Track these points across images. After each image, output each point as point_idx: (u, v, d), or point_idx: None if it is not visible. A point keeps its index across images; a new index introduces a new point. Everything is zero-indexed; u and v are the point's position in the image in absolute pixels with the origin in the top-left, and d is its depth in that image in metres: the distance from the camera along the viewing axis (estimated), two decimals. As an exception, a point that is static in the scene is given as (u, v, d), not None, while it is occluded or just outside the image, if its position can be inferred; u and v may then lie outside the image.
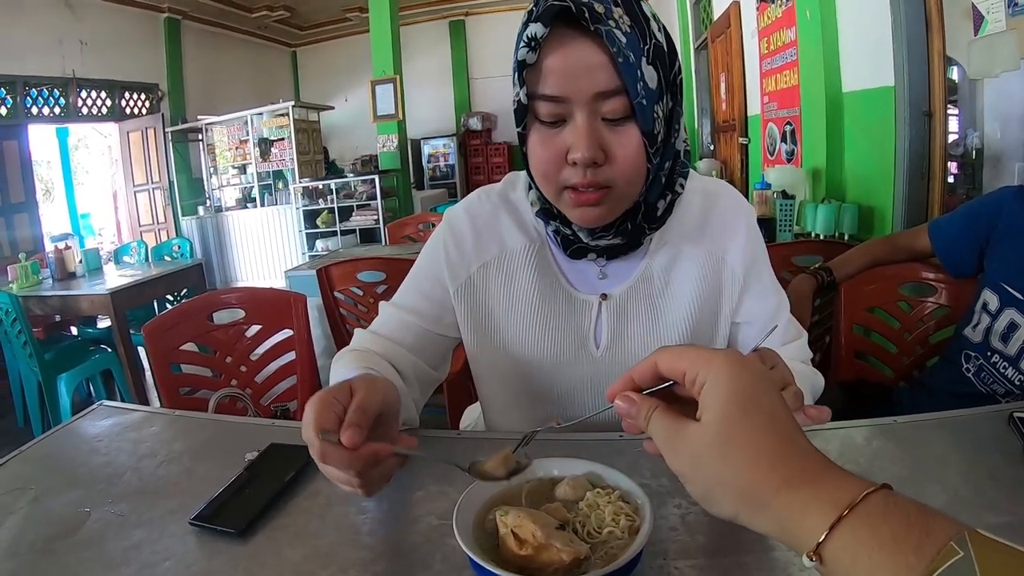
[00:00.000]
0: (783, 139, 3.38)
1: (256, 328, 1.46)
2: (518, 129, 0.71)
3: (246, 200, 7.00)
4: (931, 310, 1.39)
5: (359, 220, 6.22)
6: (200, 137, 7.18)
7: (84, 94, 6.19)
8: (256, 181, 6.82)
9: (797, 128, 3.13)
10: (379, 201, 6.09)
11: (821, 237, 2.37)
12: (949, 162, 2.13)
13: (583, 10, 0.61)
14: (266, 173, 6.82)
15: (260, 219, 6.74)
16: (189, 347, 1.40)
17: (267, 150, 6.70)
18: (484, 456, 0.56)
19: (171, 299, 3.63)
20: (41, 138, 6.46)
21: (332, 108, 8.06)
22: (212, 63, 7.85)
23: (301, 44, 9.90)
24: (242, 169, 6.96)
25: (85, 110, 6.26)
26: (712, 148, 5.55)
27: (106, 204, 7.84)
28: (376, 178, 6.12)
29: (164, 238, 6.66)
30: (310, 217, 6.33)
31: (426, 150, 9.00)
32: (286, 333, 1.45)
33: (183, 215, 7.09)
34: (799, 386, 0.60)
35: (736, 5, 4.11)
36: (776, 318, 0.86)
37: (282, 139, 6.64)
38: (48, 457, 0.86)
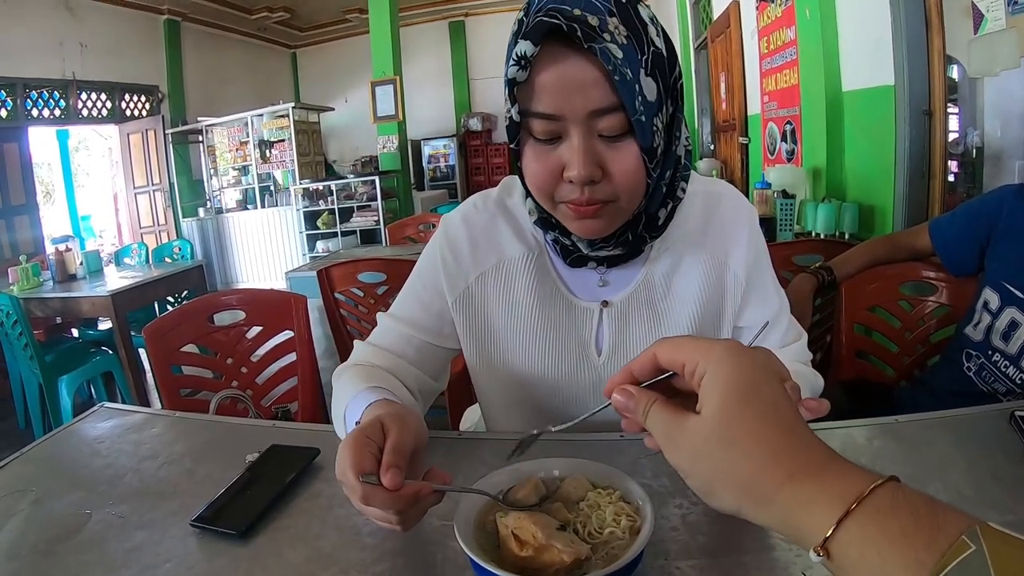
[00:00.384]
0: (783, 138, 3.38)
1: (257, 329, 1.46)
2: (511, 145, 0.69)
3: (246, 201, 7.01)
4: (932, 309, 1.38)
5: (359, 221, 6.22)
6: (200, 139, 7.19)
7: (84, 96, 6.20)
8: (256, 182, 6.82)
9: (797, 127, 3.13)
10: (379, 202, 6.10)
11: (821, 236, 2.37)
12: (949, 161, 2.12)
13: (575, 27, 0.58)
14: (266, 174, 6.83)
15: (260, 220, 6.74)
16: (190, 349, 1.40)
17: (267, 151, 6.70)
18: (514, 484, 0.57)
19: (172, 301, 3.63)
20: (41, 140, 6.48)
21: (332, 109, 8.07)
22: (212, 65, 7.85)
23: (301, 45, 9.90)
24: (243, 170, 6.97)
25: (85, 112, 6.26)
26: (712, 148, 5.56)
27: (107, 206, 7.85)
28: (376, 179, 6.13)
29: (165, 240, 6.67)
30: (310, 218, 6.33)
31: (426, 151, 9.00)
32: (287, 334, 1.45)
33: (183, 217, 7.09)
34: (796, 383, 0.59)
35: (736, 5, 4.11)
36: (777, 320, 0.85)
37: (282, 140, 6.65)
38: (49, 459, 0.86)
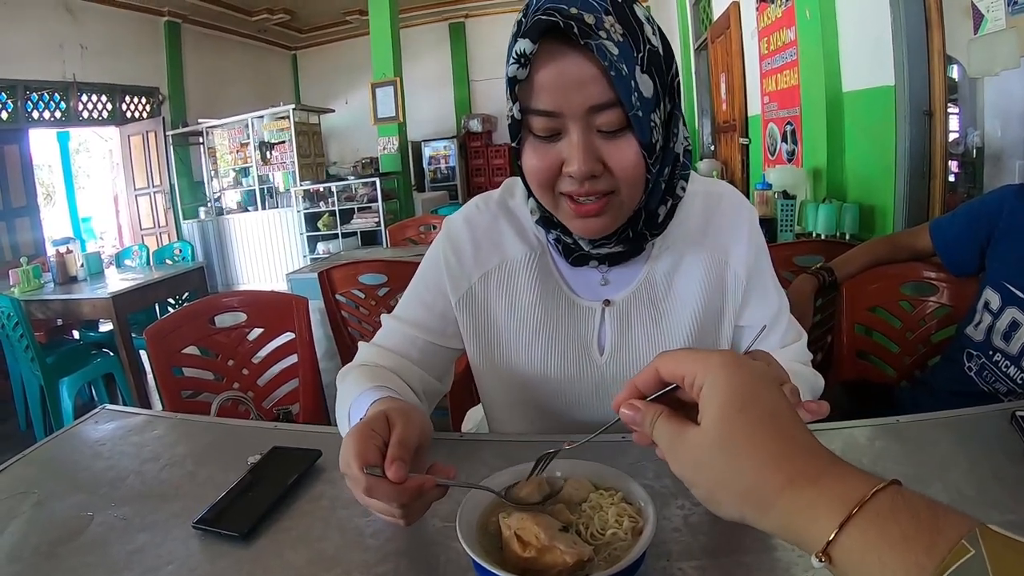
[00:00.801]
0: (783, 139, 3.38)
1: (258, 331, 1.46)
2: (512, 144, 0.71)
3: (247, 203, 7.01)
4: (933, 309, 1.38)
5: (360, 223, 6.23)
6: (201, 140, 7.19)
7: (85, 98, 6.20)
8: (257, 184, 6.83)
9: (797, 128, 3.13)
10: (380, 203, 6.10)
11: (822, 237, 2.38)
12: (950, 161, 2.13)
13: (572, 25, 0.59)
14: (267, 176, 6.83)
15: (261, 222, 6.75)
16: (191, 350, 1.41)
17: (268, 153, 6.71)
18: (516, 481, 0.57)
19: (173, 302, 3.64)
20: (42, 142, 6.48)
21: (332, 111, 8.08)
22: (212, 66, 7.86)
23: (301, 47, 9.91)
24: (243, 172, 6.97)
25: (86, 114, 6.26)
26: (712, 149, 5.56)
27: (107, 208, 7.85)
28: (377, 180, 6.14)
29: (165, 241, 6.67)
30: (311, 220, 6.34)
31: (427, 152, 8.98)
32: (288, 336, 1.45)
33: (184, 218, 7.10)
34: (795, 385, 0.59)
35: (736, 5, 4.11)
36: (777, 320, 0.85)
37: (283, 142, 6.66)
38: (51, 461, 0.86)
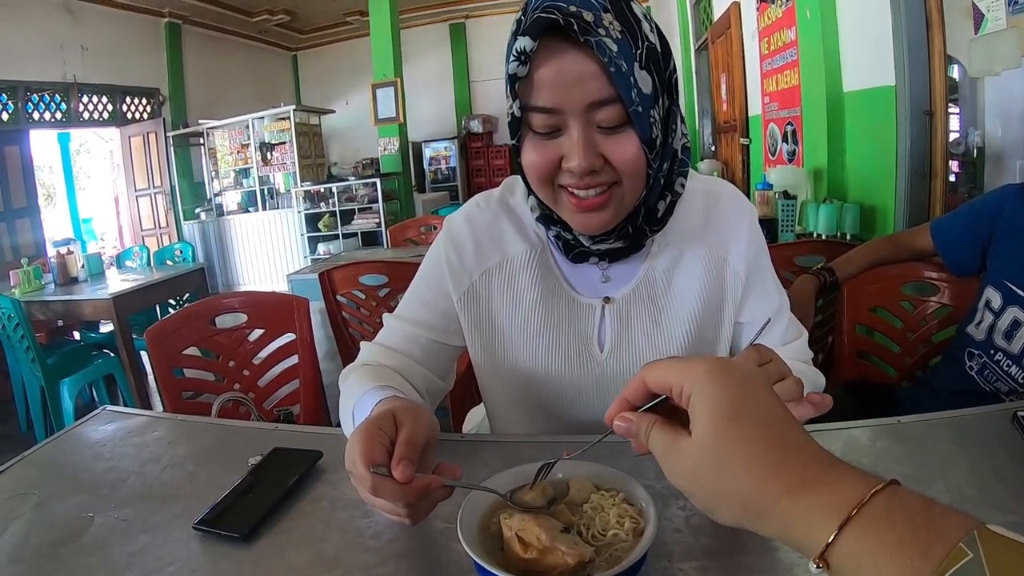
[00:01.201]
0: (784, 139, 3.38)
1: (259, 332, 1.46)
2: (513, 141, 0.71)
3: (248, 204, 7.01)
4: (934, 309, 1.38)
5: (360, 223, 6.23)
6: (201, 141, 7.20)
7: (85, 99, 6.20)
8: (258, 185, 6.83)
9: (798, 128, 3.13)
10: (380, 204, 6.11)
11: (823, 237, 2.37)
12: (950, 161, 2.12)
13: (571, 22, 0.60)
14: (267, 177, 6.84)
15: (262, 223, 6.75)
16: (192, 351, 1.41)
17: (268, 154, 6.71)
18: (520, 484, 0.56)
19: (173, 303, 3.65)
20: (43, 143, 6.49)
21: (333, 112, 8.09)
22: (213, 67, 7.86)
23: (302, 48, 9.91)
24: (244, 173, 6.97)
25: (86, 115, 6.26)
26: (713, 149, 5.55)
27: (108, 209, 7.86)
28: (377, 181, 6.15)
29: (166, 242, 6.67)
30: (312, 221, 6.35)
31: (427, 153, 8.99)
32: (288, 337, 1.45)
33: (185, 219, 7.10)
34: (799, 378, 0.58)
35: (736, 6, 4.11)
36: (778, 317, 0.86)
37: (283, 143, 6.66)
38: (51, 462, 0.86)
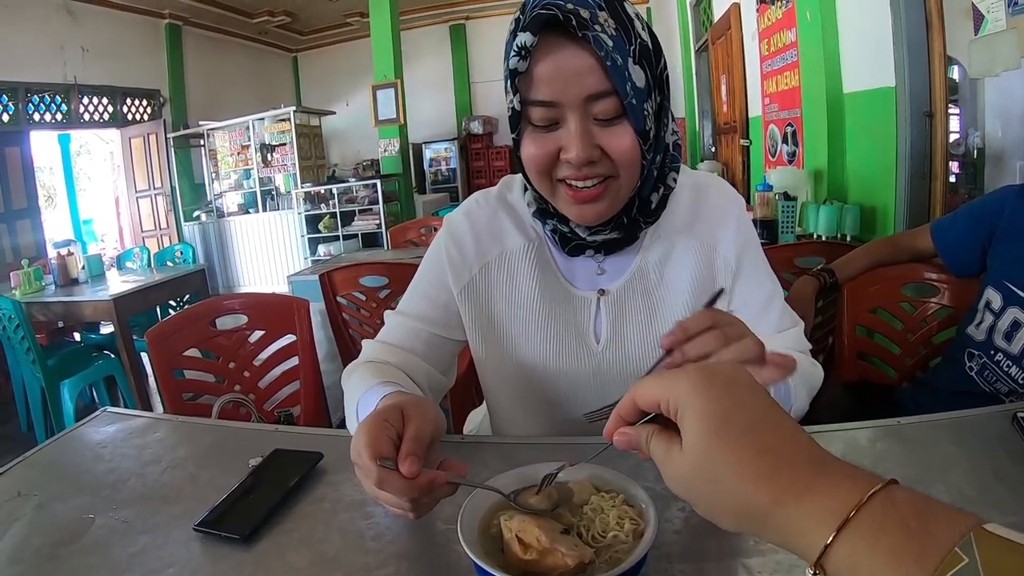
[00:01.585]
0: (784, 140, 3.38)
1: (259, 333, 1.46)
2: (512, 135, 0.73)
3: (248, 205, 7.01)
4: (934, 310, 1.38)
5: (361, 225, 6.23)
6: (202, 142, 7.19)
7: (86, 100, 6.21)
8: (258, 186, 6.83)
9: (798, 129, 3.13)
10: (381, 205, 6.11)
11: (823, 238, 2.37)
12: (951, 162, 2.12)
13: (570, 18, 0.63)
14: (268, 178, 6.84)
15: (262, 224, 6.75)
16: (192, 353, 1.40)
17: (268, 155, 6.71)
18: (521, 485, 0.56)
19: (174, 305, 3.64)
20: (43, 144, 6.49)
21: (333, 113, 8.09)
22: (213, 69, 7.87)
23: (302, 49, 9.91)
24: (244, 174, 6.97)
25: (87, 116, 6.26)
26: (713, 150, 5.56)
27: (108, 210, 7.86)
28: (378, 182, 6.15)
29: (166, 244, 6.67)
30: (312, 222, 6.34)
31: (427, 154, 8.99)
32: (289, 338, 1.45)
33: (185, 220, 7.10)
34: (759, 339, 0.58)
35: (736, 7, 4.12)
36: (770, 304, 0.86)
37: (284, 144, 6.66)
38: (52, 463, 0.86)
